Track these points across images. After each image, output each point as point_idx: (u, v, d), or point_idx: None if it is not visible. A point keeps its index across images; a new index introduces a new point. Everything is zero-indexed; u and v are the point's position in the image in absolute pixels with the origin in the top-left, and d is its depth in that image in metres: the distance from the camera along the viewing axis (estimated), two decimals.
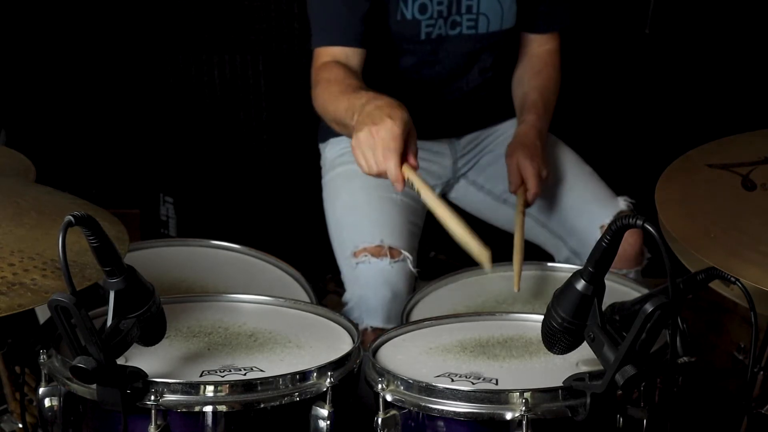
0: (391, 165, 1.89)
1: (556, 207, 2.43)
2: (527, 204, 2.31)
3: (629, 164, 3.12)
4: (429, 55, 2.40)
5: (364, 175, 2.38)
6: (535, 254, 2.44)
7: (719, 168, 1.89)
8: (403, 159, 1.90)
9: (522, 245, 2.18)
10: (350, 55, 2.29)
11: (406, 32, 2.35)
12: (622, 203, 2.38)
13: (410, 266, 2.25)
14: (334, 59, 2.28)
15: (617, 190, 2.42)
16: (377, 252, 2.23)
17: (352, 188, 2.39)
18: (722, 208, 1.79)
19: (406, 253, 2.24)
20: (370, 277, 2.24)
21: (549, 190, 2.43)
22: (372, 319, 2.24)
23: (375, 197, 2.35)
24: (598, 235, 2.28)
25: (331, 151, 2.53)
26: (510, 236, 2.52)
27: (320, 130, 2.58)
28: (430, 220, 2.50)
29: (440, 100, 2.47)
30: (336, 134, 2.53)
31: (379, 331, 2.20)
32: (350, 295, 2.28)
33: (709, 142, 2.01)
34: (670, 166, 1.93)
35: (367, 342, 2.14)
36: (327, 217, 2.43)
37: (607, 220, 2.33)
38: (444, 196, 2.60)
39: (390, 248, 2.23)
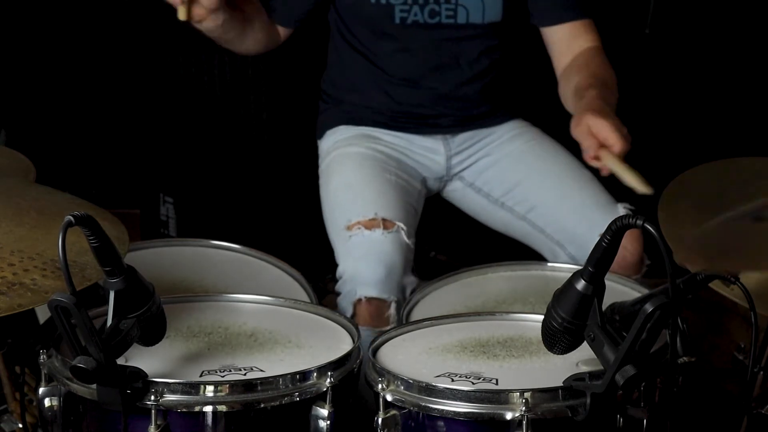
0: None
1: (555, 213, 2.41)
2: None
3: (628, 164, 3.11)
4: (407, 41, 2.42)
5: (359, 157, 2.43)
6: (533, 258, 2.44)
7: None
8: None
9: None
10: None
11: (380, 16, 2.38)
12: (621, 210, 2.36)
13: (404, 237, 2.22)
14: None
15: (617, 192, 2.41)
16: (370, 224, 2.22)
17: (346, 169, 2.41)
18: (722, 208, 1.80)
19: (400, 224, 2.22)
20: (363, 248, 2.21)
21: (548, 196, 2.42)
22: (365, 289, 2.18)
23: (369, 176, 2.36)
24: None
25: (326, 141, 2.54)
26: (507, 239, 2.53)
27: (318, 126, 2.59)
28: (431, 218, 2.52)
29: (431, 93, 2.48)
30: (332, 125, 2.54)
31: (373, 301, 2.17)
32: (343, 267, 2.24)
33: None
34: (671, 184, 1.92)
35: (362, 314, 2.13)
36: (322, 200, 2.42)
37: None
38: (438, 194, 2.60)
39: (383, 220, 2.22)
